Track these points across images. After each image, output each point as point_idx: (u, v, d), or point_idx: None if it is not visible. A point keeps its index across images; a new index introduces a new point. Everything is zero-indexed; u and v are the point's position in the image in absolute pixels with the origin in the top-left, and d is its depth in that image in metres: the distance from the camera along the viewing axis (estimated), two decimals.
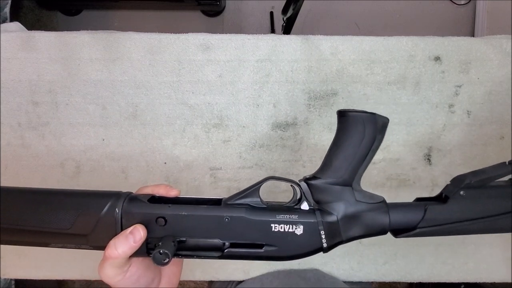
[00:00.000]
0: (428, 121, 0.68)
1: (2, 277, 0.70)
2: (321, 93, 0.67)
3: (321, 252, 0.42)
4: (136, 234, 0.39)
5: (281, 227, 0.41)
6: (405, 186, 0.69)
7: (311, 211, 0.42)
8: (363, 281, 0.72)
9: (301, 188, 0.43)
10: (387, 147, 0.68)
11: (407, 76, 0.67)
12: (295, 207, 0.42)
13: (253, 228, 0.41)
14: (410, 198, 0.46)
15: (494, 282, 0.72)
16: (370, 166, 0.68)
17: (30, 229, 0.41)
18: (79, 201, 0.42)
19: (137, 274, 0.41)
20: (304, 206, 0.42)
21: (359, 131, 0.42)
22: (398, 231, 0.43)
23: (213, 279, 0.71)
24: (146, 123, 0.67)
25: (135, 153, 0.68)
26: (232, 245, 0.41)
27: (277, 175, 0.68)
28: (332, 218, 0.41)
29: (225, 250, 0.41)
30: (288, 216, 0.41)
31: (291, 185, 0.43)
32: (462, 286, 1.16)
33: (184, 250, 0.42)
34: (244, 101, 0.67)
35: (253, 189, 0.42)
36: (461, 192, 0.42)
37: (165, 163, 0.68)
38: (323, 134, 0.68)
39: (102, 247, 0.40)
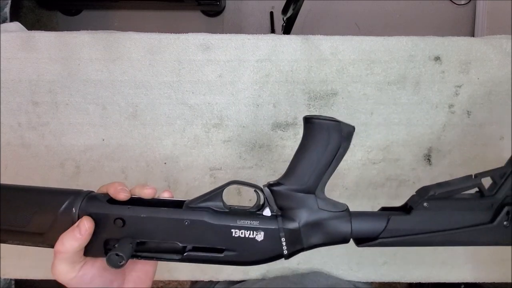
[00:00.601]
0: (428, 121, 0.68)
1: (2, 277, 0.70)
2: (321, 93, 0.67)
3: (282, 259, 0.41)
4: (81, 226, 0.38)
5: (242, 232, 0.40)
6: (405, 186, 0.69)
7: (273, 217, 0.41)
8: (362, 281, 0.71)
9: (264, 193, 0.42)
10: (387, 147, 0.68)
11: (407, 76, 0.67)
12: (257, 212, 0.42)
13: (213, 233, 0.40)
14: None
15: (494, 282, 0.72)
16: (370, 166, 0.69)
17: None
18: (38, 198, 0.41)
19: (91, 273, 0.41)
20: (266, 212, 0.41)
21: (324, 138, 0.41)
22: (361, 240, 0.43)
23: (212, 279, 0.71)
24: (146, 123, 0.67)
25: (135, 153, 0.68)
26: (193, 249, 0.41)
27: (277, 176, 0.68)
28: (293, 225, 0.41)
29: (185, 254, 0.41)
30: (249, 221, 0.41)
31: (255, 190, 0.43)
32: (462, 286, 1.16)
33: (143, 251, 0.41)
34: (244, 101, 0.67)
35: (216, 193, 0.42)
36: (425, 204, 0.42)
37: (165, 163, 0.68)
38: None
39: None
